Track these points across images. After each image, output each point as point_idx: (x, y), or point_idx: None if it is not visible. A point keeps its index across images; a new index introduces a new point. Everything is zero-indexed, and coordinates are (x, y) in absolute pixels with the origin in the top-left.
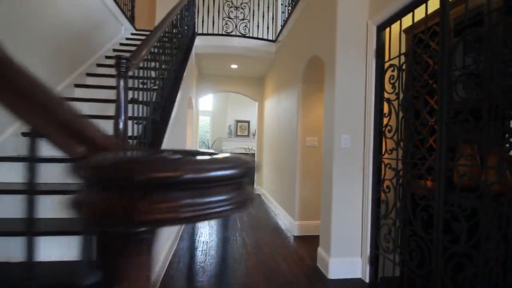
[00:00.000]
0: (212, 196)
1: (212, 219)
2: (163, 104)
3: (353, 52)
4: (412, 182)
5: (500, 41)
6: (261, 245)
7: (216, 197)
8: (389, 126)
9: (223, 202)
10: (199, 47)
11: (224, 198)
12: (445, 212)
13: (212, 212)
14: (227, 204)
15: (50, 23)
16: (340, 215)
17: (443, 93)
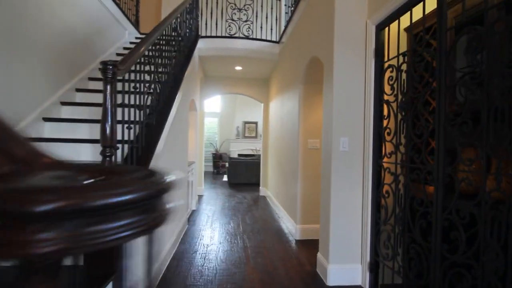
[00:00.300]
0: (105, 224)
1: (109, 246)
2: (159, 107)
3: (351, 52)
4: (411, 187)
5: (499, 39)
6: (262, 249)
7: (110, 224)
8: (388, 128)
9: (120, 229)
10: (203, 49)
11: (121, 224)
12: (443, 219)
13: (106, 241)
14: (127, 229)
15: (48, 29)
16: (339, 220)
17: (441, 94)
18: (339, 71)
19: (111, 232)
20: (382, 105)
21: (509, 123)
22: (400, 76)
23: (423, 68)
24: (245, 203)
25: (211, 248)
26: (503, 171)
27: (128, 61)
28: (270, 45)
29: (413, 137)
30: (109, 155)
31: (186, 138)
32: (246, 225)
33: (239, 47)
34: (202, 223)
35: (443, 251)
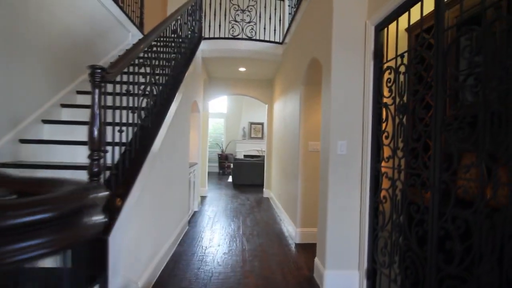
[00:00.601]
0: (9, 245)
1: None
2: (156, 110)
3: (350, 53)
4: (408, 193)
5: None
6: (260, 253)
7: (14, 246)
8: (386, 132)
9: (28, 249)
10: (206, 51)
11: (29, 244)
12: (439, 228)
13: (7, 263)
14: (35, 250)
15: (48, 31)
16: (335, 225)
17: (438, 98)
18: (336, 73)
19: (12, 254)
20: (380, 108)
21: (506, 128)
22: (398, 78)
23: (421, 69)
24: (247, 205)
25: (209, 250)
26: (501, 179)
27: (118, 65)
28: (273, 46)
29: (411, 142)
30: (96, 158)
31: (187, 139)
32: (246, 228)
33: (242, 48)
34: (203, 224)
35: (439, 261)
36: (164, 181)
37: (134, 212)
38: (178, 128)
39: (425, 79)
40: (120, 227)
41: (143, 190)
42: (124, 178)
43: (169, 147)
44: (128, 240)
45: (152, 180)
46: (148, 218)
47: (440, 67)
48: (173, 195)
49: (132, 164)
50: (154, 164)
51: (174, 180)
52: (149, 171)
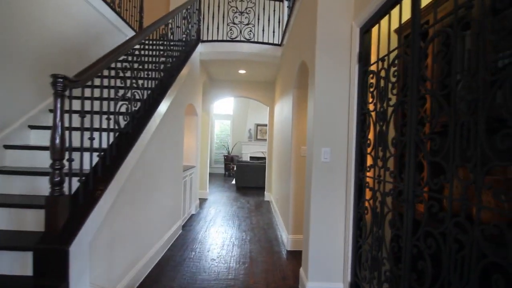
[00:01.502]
0: None
1: None
2: (139, 115)
3: (335, 56)
4: (387, 205)
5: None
6: (248, 260)
7: None
8: (368, 140)
9: None
10: (204, 53)
11: None
12: (412, 246)
13: None
14: None
15: (38, 38)
16: (319, 236)
17: (411, 105)
18: (320, 77)
19: None
20: (364, 114)
21: (475, 142)
22: (379, 83)
23: (399, 74)
24: (246, 209)
25: (197, 256)
26: (470, 196)
27: (87, 72)
28: (272, 48)
29: (390, 151)
30: (58, 168)
31: (180, 143)
32: (240, 233)
33: (241, 51)
34: (197, 229)
35: (412, 281)
36: (148, 187)
37: (107, 219)
38: (168, 132)
39: (402, 85)
40: (86, 235)
41: (120, 197)
42: (94, 186)
43: (155, 151)
44: (101, 248)
45: (132, 186)
46: (127, 225)
47: (415, 73)
48: (161, 201)
49: (105, 171)
50: (134, 171)
51: (162, 186)
52: (126, 177)
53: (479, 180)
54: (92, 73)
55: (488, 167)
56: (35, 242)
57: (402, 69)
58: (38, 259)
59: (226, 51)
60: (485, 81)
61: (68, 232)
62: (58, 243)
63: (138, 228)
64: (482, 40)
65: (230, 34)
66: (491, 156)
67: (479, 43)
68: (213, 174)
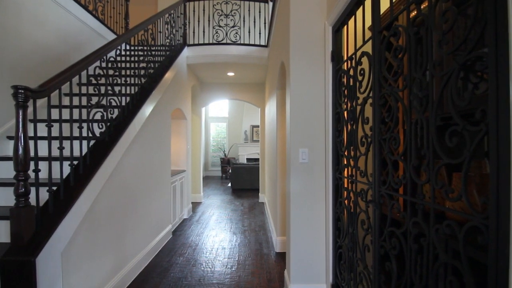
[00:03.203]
0: None
1: None
2: (115, 122)
3: (310, 56)
4: (358, 205)
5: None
6: (236, 262)
7: None
8: (343, 139)
9: None
10: (191, 57)
11: None
12: (379, 246)
13: None
14: None
15: (14, 49)
16: (300, 237)
17: (375, 104)
18: (296, 76)
19: None
20: (338, 114)
21: (427, 141)
22: (349, 81)
23: (361, 72)
24: (239, 211)
25: (184, 261)
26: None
27: (51, 83)
28: (258, 49)
29: (359, 150)
30: (22, 179)
31: (167, 148)
32: (232, 235)
33: (228, 53)
34: (187, 234)
35: (381, 282)
36: (130, 194)
37: (83, 228)
38: (152, 137)
39: (366, 82)
40: (57, 245)
41: (98, 204)
42: (66, 196)
43: (137, 157)
44: (77, 257)
45: (111, 193)
46: (107, 232)
47: (376, 70)
48: (147, 206)
49: (78, 180)
50: (113, 178)
51: (147, 191)
52: (103, 185)
53: (432, 178)
54: (59, 82)
55: (438, 166)
56: (2, 254)
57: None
58: (4, 271)
59: (213, 54)
60: (433, 77)
61: (35, 243)
62: (24, 255)
63: (120, 235)
64: (430, 36)
65: (216, 37)
66: (441, 154)
67: (428, 39)
68: (210, 177)
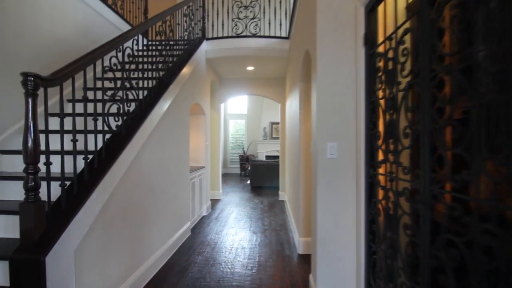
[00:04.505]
0: None
1: None
2: (132, 115)
3: (338, 41)
4: (401, 207)
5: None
6: (255, 265)
7: None
8: (378, 132)
9: None
10: (210, 51)
11: None
12: (431, 256)
13: None
14: None
15: (31, 44)
16: (328, 240)
17: (425, 88)
18: (323, 64)
19: None
20: (373, 103)
21: (507, 127)
22: (387, 66)
23: (407, 52)
24: (259, 209)
25: (203, 260)
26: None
27: (64, 71)
28: (279, 41)
29: (401, 143)
30: (32, 172)
31: (185, 143)
32: (251, 235)
33: (247, 46)
34: (206, 231)
35: None
36: (147, 189)
37: (99, 224)
38: (169, 132)
39: (412, 65)
40: (69, 243)
41: (114, 200)
42: (81, 190)
43: (155, 152)
44: (92, 255)
45: (127, 188)
46: (122, 229)
47: (426, 47)
48: (165, 203)
49: (93, 174)
50: (129, 173)
51: (164, 187)
52: (119, 180)
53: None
54: (72, 70)
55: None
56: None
57: (412, 46)
58: (14, 269)
59: (232, 48)
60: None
61: (45, 241)
62: (33, 253)
63: (138, 232)
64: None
65: (236, 29)
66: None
67: None
68: (228, 174)
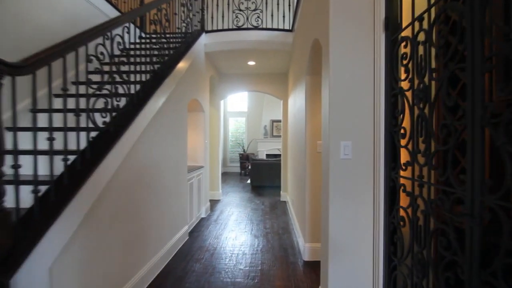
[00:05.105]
0: None
1: None
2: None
3: (354, 26)
4: (435, 216)
5: None
6: (257, 273)
7: None
8: (403, 129)
9: None
10: (209, 45)
11: None
12: (481, 281)
13: None
14: None
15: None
16: (341, 249)
17: (474, 72)
18: (337, 52)
19: None
20: (395, 95)
21: None
22: (417, 51)
23: (446, 32)
24: (260, 210)
25: (202, 268)
26: None
27: (34, 58)
28: (282, 34)
29: (436, 142)
30: None
31: (183, 141)
32: (253, 239)
33: (248, 39)
34: (205, 235)
35: None
36: (140, 192)
37: (78, 235)
38: (165, 129)
39: (453, 46)
40: (43, 260)
41: (100, 205)
42: (59, 197)
43: (148, 151)
44: (70, 270)
45: (115, 193)
46: (110, 238)
47: (476, 24)
48: (159, 206)
49: (74, 177)
50: (118, 174)
51: (159, 189)
52: (106, 182)
53: None
54: (48, 57)
55: None
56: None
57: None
58: None
59: (232, 41)
60: None
61: (12, 259)
62: None
63: (129, 241)
64: None
65: (236, 22)
66: None
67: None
68: (228, 173)
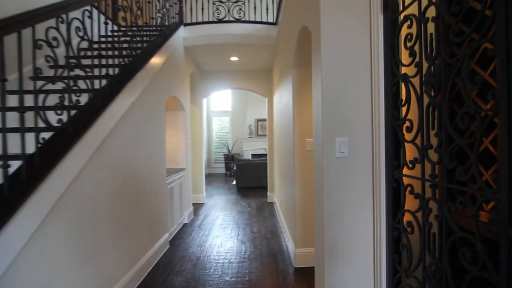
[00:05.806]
0: None
1: None
2: (83, 108)
3: (348, 8)
4: (453, 223)
5: None
6: (246, 283)
7: None
8: (408, 121)
9: None
10: (189, 39)
11: None
12: None
13: None
14: None
15: None
16: (338, 260)
17: (510, 56)
18: (329, 40)
19: None
20: (397, 83)
21: None
22: (425, 29)
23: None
24: (247, 213)
25: (182, 283)
26: None
27: None
28: (266, 27)
29: (453, 135)
30: None
31: (160, 142)
32: (239, 245)
33: (230, 33)
34: (187, 243)
35: None
36: (108, 201)
37: (24, 259)
38: (138, 129)
39: (478, 18)
40: None
41: (50, 223)
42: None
43: (118, 154)
44: None
45: (74, 205)
46: (70, 258)
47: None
48: (133, 217)
49: (17, 188)
50: (78, 181)
51: (131, 198)
52: (60, 192)
53: None
54: None
55: None
56: None
57: None
58: None
59: (212, 34)
60: None
61: None
62: None
63: (97, 256)
64: None
65: (217, 14)
66: None
67: None
68: (213, 174)
